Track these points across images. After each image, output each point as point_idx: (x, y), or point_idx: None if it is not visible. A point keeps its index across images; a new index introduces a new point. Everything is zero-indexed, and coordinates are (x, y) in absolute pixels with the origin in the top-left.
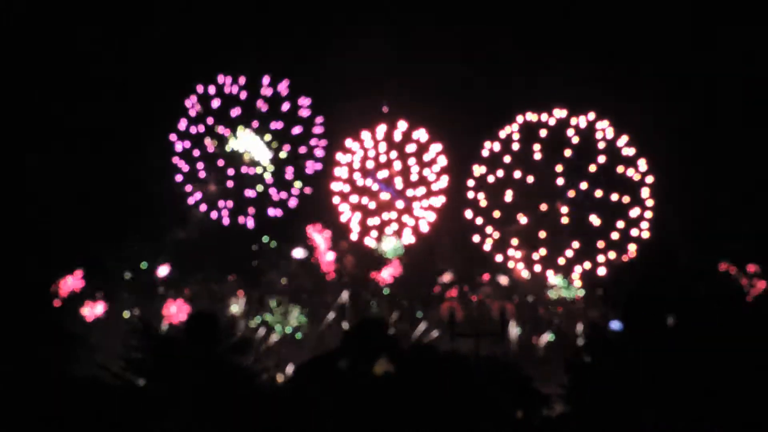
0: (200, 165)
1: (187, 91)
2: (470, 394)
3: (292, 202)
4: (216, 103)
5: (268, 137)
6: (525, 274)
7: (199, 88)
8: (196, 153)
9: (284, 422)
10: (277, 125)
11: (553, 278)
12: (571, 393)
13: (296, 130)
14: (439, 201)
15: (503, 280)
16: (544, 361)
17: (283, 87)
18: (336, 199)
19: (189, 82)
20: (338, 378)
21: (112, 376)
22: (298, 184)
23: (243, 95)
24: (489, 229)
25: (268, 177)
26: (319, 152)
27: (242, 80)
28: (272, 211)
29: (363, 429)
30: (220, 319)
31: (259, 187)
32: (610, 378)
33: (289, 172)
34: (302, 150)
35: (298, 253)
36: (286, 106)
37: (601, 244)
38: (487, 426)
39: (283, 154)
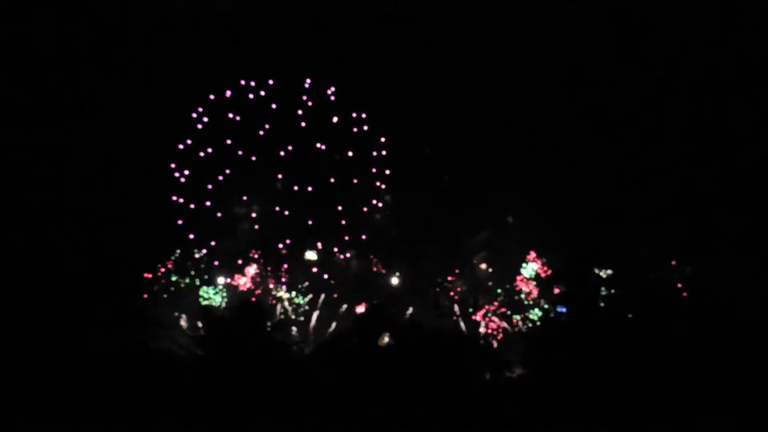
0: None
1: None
2: (450, 360)
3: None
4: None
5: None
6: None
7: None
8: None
9: (312, 383)
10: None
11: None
12: (527, 359)
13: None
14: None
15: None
16: (508, 336)
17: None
18: None
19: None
20: (352, 349)
21: (181, 348)
22: None
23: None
24: None
25: None
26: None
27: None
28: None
29: (371, 387)
30: (263, 304)
31: None
32: (557, 347)
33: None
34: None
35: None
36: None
37: None
38: (463, 384)
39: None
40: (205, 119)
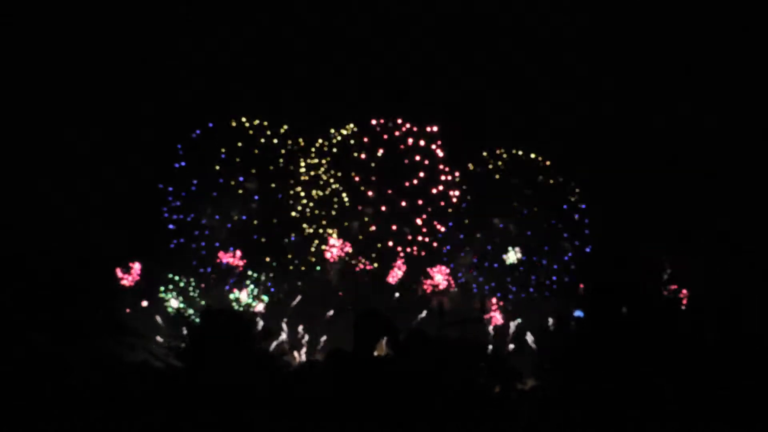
0: None
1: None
2: (456, 371)
3: None
4: None
5: None
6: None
7: None
8: None
9: (302, 397)
10: None
11: None
12: (541, 370)
13: None
14: None
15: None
16: (519, 344)
17: None
18: None
19: None
20: (346, 360)
21: (158, 360)
22: None
23: None
24: None
25: None
26: None
27: None
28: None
29: (368, 401)
30: (243, 312)
31: None
32: (574, 356)
33: None
34: None
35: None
36: None
37: None
38: (470, 398)
39: None
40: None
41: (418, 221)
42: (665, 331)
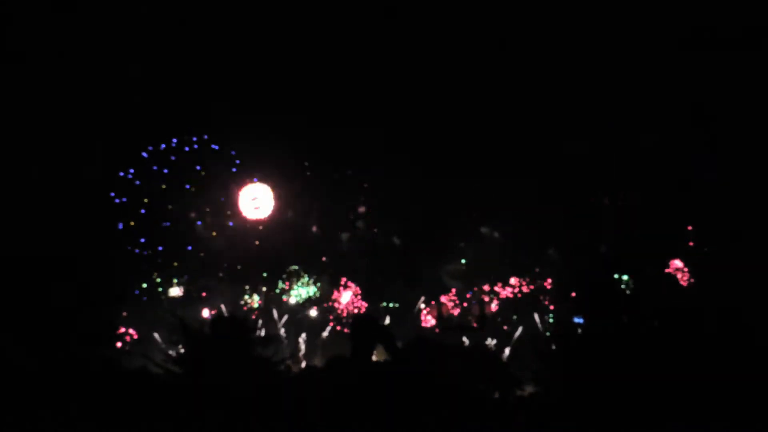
0: None
1: None
2: (455, 377)
3: None
4: None
5: None
6: None
7: None
8: None
9: (300, 403)
10: None
11: None
12: (540, 376)
13: None
14: None
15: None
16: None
17: None
18: None
19: None
20: (344, 365)
21: (156, 366)
22: None
23: None
24: None
25: None
26: None
27: None
28: None
29: (367, 407)
30: (244, 319)
31: None
32: (573, 362)
33: None
34: None
35: None
36: None
37: None
38: (469, 404)
39: None
40: None
41: None
42: (666, 336)
